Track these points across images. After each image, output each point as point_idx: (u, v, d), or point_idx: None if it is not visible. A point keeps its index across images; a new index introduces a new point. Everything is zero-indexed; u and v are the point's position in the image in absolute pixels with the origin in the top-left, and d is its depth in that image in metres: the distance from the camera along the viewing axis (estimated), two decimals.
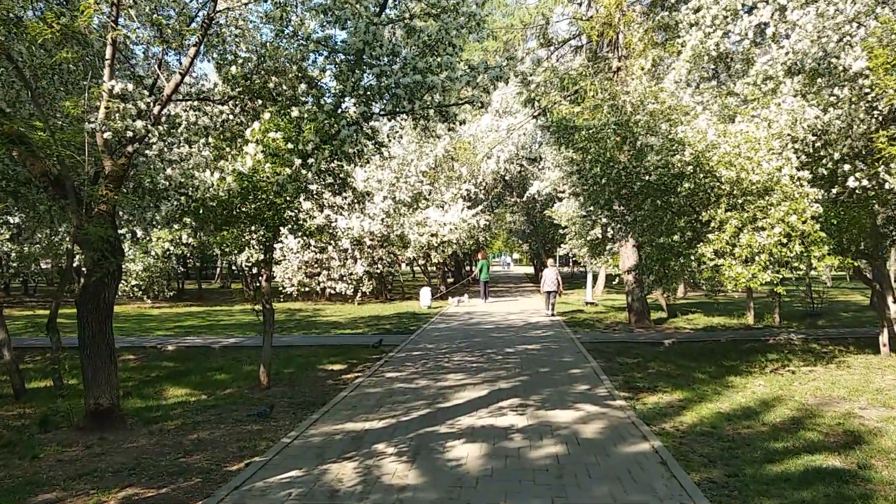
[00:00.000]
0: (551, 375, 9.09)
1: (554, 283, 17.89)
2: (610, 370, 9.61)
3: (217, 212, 7.67)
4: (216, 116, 8.39)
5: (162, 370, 9.91)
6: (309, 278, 22.56)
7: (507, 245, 66.50)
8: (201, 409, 7.26)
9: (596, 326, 15.33)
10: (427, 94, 7.05)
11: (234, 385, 8.73)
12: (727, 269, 8.04)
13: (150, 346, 12.06)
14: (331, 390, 8.27)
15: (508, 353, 11.11)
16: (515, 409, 7.06)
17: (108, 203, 6.38)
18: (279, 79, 7.91)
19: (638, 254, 15.62)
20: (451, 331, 14.54)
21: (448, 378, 8.87)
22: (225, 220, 7.92)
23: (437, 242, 22.86)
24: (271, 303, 8.30)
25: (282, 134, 7.25)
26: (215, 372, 9.66)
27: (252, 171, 7.25)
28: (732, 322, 16.23)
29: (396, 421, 6.58)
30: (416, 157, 23.08)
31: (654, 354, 11.20)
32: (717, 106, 10.17)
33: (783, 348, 11.70)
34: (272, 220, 7.60)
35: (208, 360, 10.78)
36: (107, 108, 6.58)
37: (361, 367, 9.91)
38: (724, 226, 8.15)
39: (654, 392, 8.21)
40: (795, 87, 9.22)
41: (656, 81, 10.97)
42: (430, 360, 10.36)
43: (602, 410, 7.09)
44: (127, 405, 7.42)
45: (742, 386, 8.56)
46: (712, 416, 6.92)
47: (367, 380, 8.78)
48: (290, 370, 9.68)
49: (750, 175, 8.05)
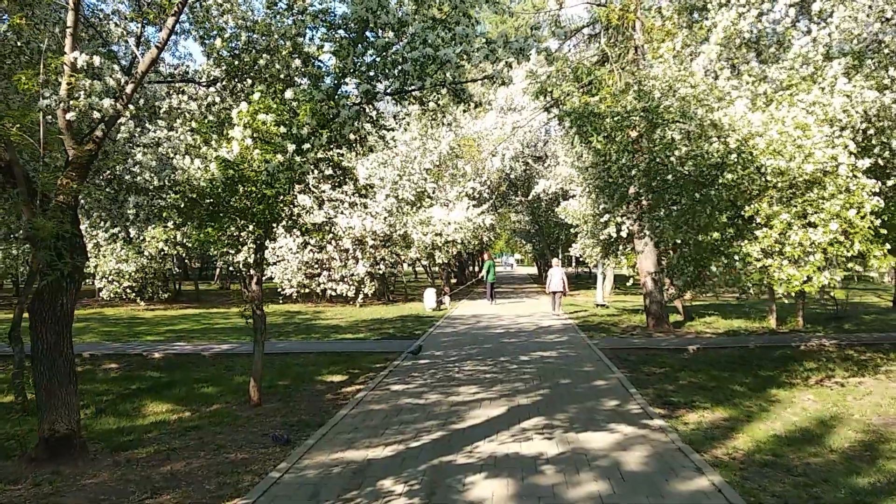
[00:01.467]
0: (574, 388, 8.18)
1: (560, 283, 17.93)
2: (637, 382, 8.69)
3: (200, 205, 6.78)
4: (202, 100, 7.49)
5: (144, 381, 9.00)
6: (309, 279, 21.64)
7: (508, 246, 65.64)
8: (181, 432, 6.34)
9: (612, 331, 14.40)
10: (439, 70, 6.13)
11: (221, 400, 7.81)
12: (776, 271, 7.12)
13: (136, 353, 11.15)
14: (330, 407, 7.35)
15: (523, 361, 10.19)
16: (541, 432, 6.14)
17: (68, 194, 5.48)
18: (271, 56, 7.00)
19: (657, 254, 14.71)
20: (458, 336, 13.62)
21: (460, 391, 7.96)
22: (210, 214, 7.03)
23: (442, 242, 21.94)
24: (262, 308, 7.39)
25: (273, 116, 6.34)
26: (202, 384, 8.74)
27: (240, 159, 6.35)
28: (754, 325, 15.31)
29: (405, 448, 5.66)
30: (419, 154, 22.17)
31: (681, 363, 10.29)
32: (748, 92, 9.27)
33: (819, 355, 10.79)
34: (262, 214, 6.69)
35: (197, 370, 9.87)
36: (69, 83, 5.68)
37: (364, 379, 8.99)
38: (772, 221, 7.23)
39: (692, 408, 7.30)
40: (840, 70, 8.31)
41: (684, 66, 10.02)
42: (439, 370, 9.44)
43: (640, 432, 6.17)
44: (96, 426, 6.51)
45: (788, 400, 7.65)
46: (769, 440, 6.00)
47: (370, 394, 7.87)
48: (286, 382, 8.76)
49: (802, 164, 7.13)
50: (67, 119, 5.78)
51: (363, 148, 7.41)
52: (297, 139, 6.30)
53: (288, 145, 6.21)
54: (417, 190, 22.04)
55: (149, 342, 12.88)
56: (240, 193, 6.34)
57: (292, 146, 6.21)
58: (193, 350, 11.50)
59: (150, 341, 13.05)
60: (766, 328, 14.91)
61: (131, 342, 12.88)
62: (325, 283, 21.40)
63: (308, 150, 6.28)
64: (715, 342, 12.49)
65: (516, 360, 10.34)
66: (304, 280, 21.38)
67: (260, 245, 7.32)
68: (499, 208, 32.27)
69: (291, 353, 11.16)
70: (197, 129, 6.46)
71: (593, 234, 17.92)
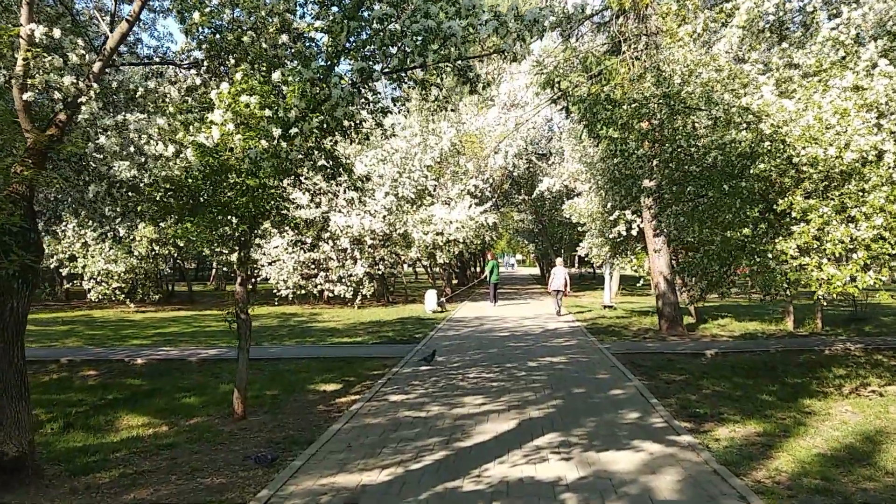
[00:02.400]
0: (590, 398, 7.50)
1: (562, 281, 17.94)
2: (657, 391, 8.02)
3: (176, 197, 6.11)
4: (181, 82, 6.82)
5: (123, 390, 8.33)
6: (305, 280, 20.95)
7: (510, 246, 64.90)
8: (153, 451, 5.66)
9: (623, 334, 13.71)
10: (443, 45, 5.47)
11: (203, 412, 7.14)
12: (814, 270, 6.45)
13: (118, 358, 10.46)
14: (321, 421, 6.67)
15: (532, 367, 9.51)
16: (557, 451, 5.47)
17: (23, 183, 4.81)
18: (257, 34, 6.33)
19: (669, 253, 14.04)
20: (461, 339, 12.93)
21: (465, 402, 7.28)
22: (190, 208, 6.37)
23: (443, 242, 21.25)
24: (248, 311, 6.71)
25: (257, 98, 5.67)
26: (185, 393, 8.07)
27: (221, 145, 5.68)
28: (770, 328, 14.63)
29: (404, 471, 4.99)
30: (420, 151, 21.50)
31: (700, 369, 9.61)
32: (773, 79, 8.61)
33: (846, 361, 10.12)
34: (246, 208, 6.02)
35: (181, 377, 9.20)
36: (25, 59, 5.03)
37: (360, 388, 8.31)
38: (808, 216, 6.56)
39: (721, 421, 6.63)
40: (876, 52, 7.64)
41: (706, 49, 9.36)
42: (442, 377, 8.76)
43: (668, 451, 5.49)
44: (59, 445, 5.83)
45: (824, 412, 6.98)
46: (814, 460, 5.33)
47: (366, 405, 7.19)
48: (275, 392, 8.08)
49: (842, 153, 6.46)
50: (24, 99, 5.13)
51: (358, 135, 6.74)
52: (284, 123, 5.63)
53: (273, 130, 5.54)
54: (418, 187, 21.38)
55: (133, 347, 12.20)
56: (219, 184, 5.66)
57: (278, 131, 5.54)
58: (179, 355, 10.82)
59: (135, 346, 12.37)
60: (784, 331, 14.24)
61: (115, 347, 12.20)
62: (323, 283, 20.71)
63: (296, 136, 5.61)
64: (733, 346, 11.81)
65: (524, 366, 9.66)
66: (300, 281, 20.69)
67: (244, 242, 6.65)
68: (501, 207, 31.59)
69: (284, 359, 10.48)
70: (173, 114, 5.78)
71: (602, 233, 17.25)
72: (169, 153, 5.32)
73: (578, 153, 19.38)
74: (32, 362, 10.33)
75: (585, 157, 17.80)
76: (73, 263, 19.93)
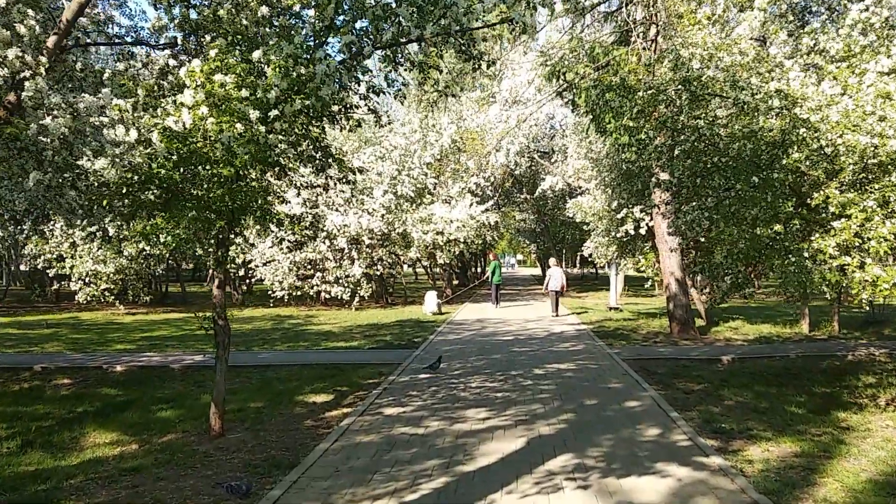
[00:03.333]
0: (603, 411, 6.84)
1: (559, 282, 17.63)
2: (676, 402, 7.36)
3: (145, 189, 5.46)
4: (153, 64, 6.17)
5: (96, 402, 7.67)
6: (301, 281, 20.29)
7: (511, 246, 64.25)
8: (114, 476, 4.99)
9: (632, 338, 13.04)
10: (444, 15, 4.82)
11: (179, 427, 6.48)
12: (856, 271, 5.79)
13: (96, 365, 9.80)
14: (308, 438, 6.00)
15: (539, 375, 8.85)
16: (573, 476, 4.81)
17: None
18: (235, 9, 5.68)
19: (681, 253, 13.38)
20: (462, 344, 12.27)
21: (467, 416, 6.62)
22: (162, 202, 5.72)
23: (444, 241, 20.58)
24: (226, 317, 6.05)
25: (233, 78, 5.02)
26: (162, 405, 7.41)
27: (194, 130, 5.03)
28: (785, 331, 13.98)
29: (398, 503, 4.33)
30: (419, 148, 20.85)
31: (718, 377, 8.96)
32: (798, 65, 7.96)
33: (873, 367, 9.48)
34: (222, 201, 5.37)
35: (161, 386, 8.55)
36: None
37: (352, 399, 7.65)
38: (849, 210, 5.90)
39: (751, 439, 5.97)
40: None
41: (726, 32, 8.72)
42: (442, 387, 8.10)
43: (698, 476, 4.84)
44: (8, 470, 5.17)
45: (863, 428, 6.34)
46: (865, 488, 4.67)
47: (358, 420, 6.52)
48: (260, 404, 7.41)
49: (887, 141, 5.80)
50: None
51: (349, 122, 6.08)
52: (263, 105, 4.97)
53: (250, 112, 4.88)
54: (417, 186, 20.73)
55: (116, 352, 11.54)
56: (191, 174, 5.02)
57: (256, 113, 4.89)
58: (162, 362, 10.16)
59: (118, 351, 11.70)
60: (800, 334, 13.59)
61: (97, 352, 11.55)
62: (319, 285, 20.05)
63: (276, 119, 4.96)
64: (750, 351, 11.16)
65: (530, 373, 9.00)
66: (296, 282, 20.04)
67: (222, 240, 5.99)
68: (502, 206, 30.92)
69: (273, 366, 9.83)
70: (137, 94, 5.11)
71: (608, 232, 16.58)
72: (131, 139, 4.67)
73: (584, 149, 18.70)
74: (5, 370, 9.69)
75: (591, 152, 17.14)
76: (60, 264, 19.27)
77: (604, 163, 15.70)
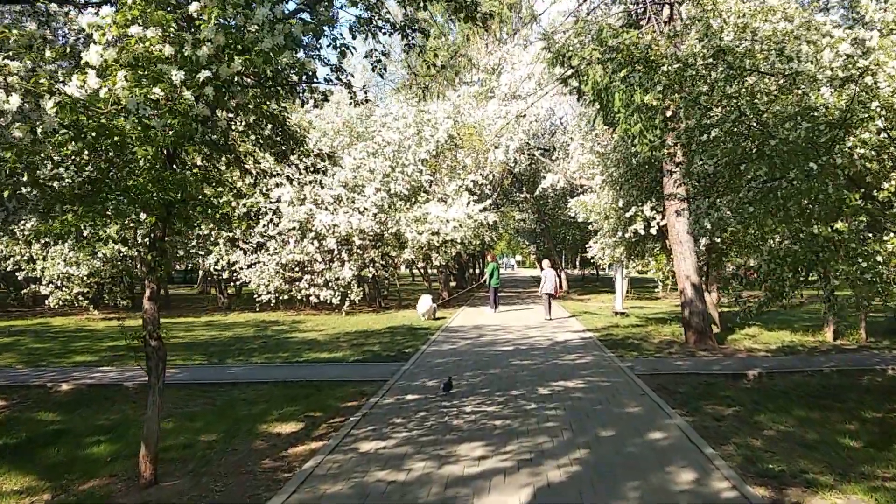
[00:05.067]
0: (623, 447, 5.68)
1: (552, 285, 17.27)
2: (708, 433, 6.22)
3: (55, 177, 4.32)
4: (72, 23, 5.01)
5: (24, 431, 6.51)
6: (288, 284, 19.13)
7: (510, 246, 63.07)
8: None
9: (644, 348, 11.88)
10: None
11: (108, 469, 5.32)
12: None
13: (39, 384, 8.63)
14: (261, 489, 4.83)
15: (544, 396, 7.69)
16: None
17: None
18: None
19: (696, 254, 12.25)
20: (457, 356, 11.10)
21: (459, 454, 5.47)
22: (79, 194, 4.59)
23: (439, 242, 19.42)
24: (159, 336, 4.90)
25: (155, 30, 3.86)
26: (99, 437, 6.25)
27: (104, 97, 3.88)
28: (808, 339, 12.84)
29: None
30: (414, 143, 19.71)
31: (750, 397, 7.83)
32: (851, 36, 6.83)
33: None
34: (146, 191, 4.22)
35: (108, 409, 7.40)
36: None
37: (325, 428, 6.48)
38: None
39: (809, 486, 4.83)
40: None
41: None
42: (432, 412, 6.95)
43: None
44: None
45: None
46: None
47: (326, 460, 5.35)
48: (213, 436, 6.23)
49: None
50: None
51: (313, 95, 4.93)
52: (192, 64, 3.82)
53: (173, 72, 3.73)
54: (412, 183, 19.58)
55: (72, 365, 10.36)
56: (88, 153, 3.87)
57: (180, 74, 3.73)
58: (117, 379, 9.00)
59: (74, 364, 10.52)
60: (825, 343, 12.46)
61: (52, 365, 10.37)
62: (307, 288, 18.89)
63: (208, 82, 3.80)
64: (777, 365, 10.01)
65: (534, 393, 7.85)
66: (282, 285, 18.87)
67: (154, 240, 4.84)
68: (501, 206, 29.76)
69: (242, 384, 8.66)
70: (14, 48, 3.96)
71: (615, 232, 15.44)
72: (11, 106, 3.53)
73: (589, 142, 17.55)
74: None
75: (598, 146, 16.01)
76: (31, 266, 18.10)
77: (611, 157, 14.56)
